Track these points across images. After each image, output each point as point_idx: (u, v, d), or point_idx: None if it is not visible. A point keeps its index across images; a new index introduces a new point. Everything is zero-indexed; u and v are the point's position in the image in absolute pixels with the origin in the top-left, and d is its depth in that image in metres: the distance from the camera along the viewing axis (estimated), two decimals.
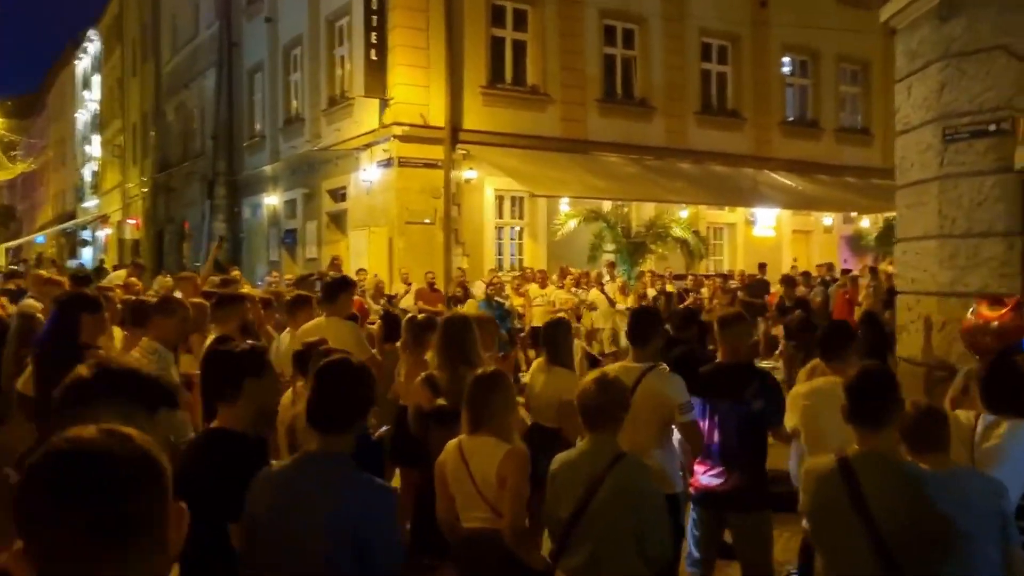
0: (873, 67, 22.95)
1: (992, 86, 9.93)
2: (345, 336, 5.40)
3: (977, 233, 10.13)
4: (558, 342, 5.20)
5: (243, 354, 3.13)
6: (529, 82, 17.72)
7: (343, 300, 5.84)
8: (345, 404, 2.77)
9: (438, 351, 4.64)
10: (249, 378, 3.02)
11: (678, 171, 18.80)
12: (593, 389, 3.32)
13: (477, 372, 3.79)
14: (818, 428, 3.96)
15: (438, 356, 4.63)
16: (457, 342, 4.61)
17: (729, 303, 14.11)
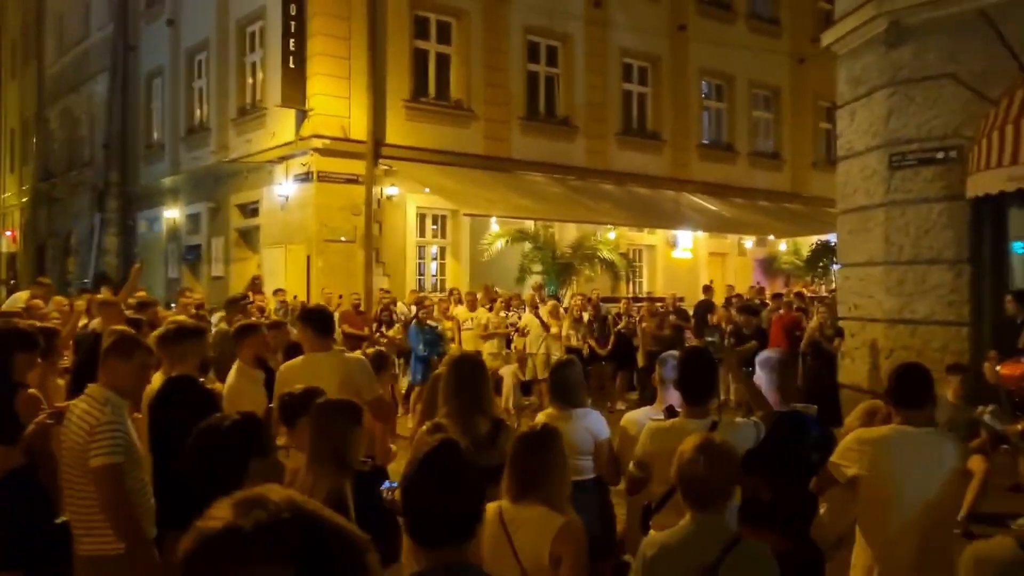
0: (783, 93, 23.43)
1: (940, 114, 9.96)
2: (353, 373, 4.75)
3: (924, 260, 10.12)
4: (571, 384, 4.64)
5: (240, 428, 2.46)
6: (453, 97, 17.17)
7: (331, 330, 5.16)
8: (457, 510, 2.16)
9: (447, 396, 4.02)
10: (255, 457, 2.37)
11: (601, 192, 18.58)
12: (699, 459, 2.79)
13: (525, 428, 3.24)
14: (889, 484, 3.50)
15: (447, 402, 4.01)
16: (470, 387, 4.02)
17: (658, 327, 13.88)
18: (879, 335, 10.41)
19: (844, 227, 11.32)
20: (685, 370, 3.91)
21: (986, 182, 8.77)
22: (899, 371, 3.68)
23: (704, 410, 3.82)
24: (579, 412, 4.54)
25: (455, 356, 4.20)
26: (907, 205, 10.06)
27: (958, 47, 9.63)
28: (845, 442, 3.70)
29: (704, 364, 3.92)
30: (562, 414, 4.58)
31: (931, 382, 3.68)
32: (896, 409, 3.60)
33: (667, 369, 4.38)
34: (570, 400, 4.60)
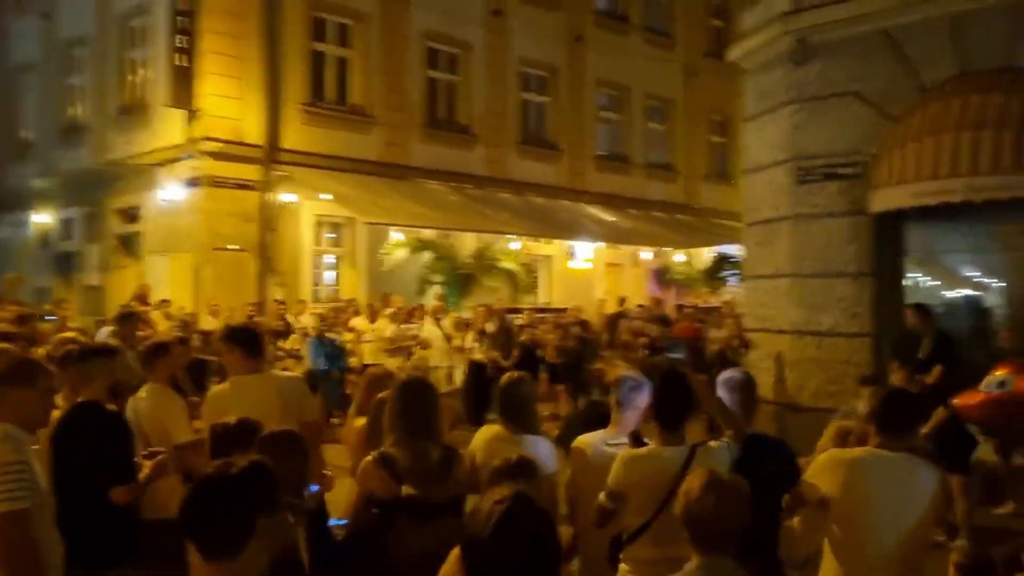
0: (676, 106, 23.86)
1: (844, 130, 10.17)
2: (293, 395, 4.37)
3: (829, 273, 10.32)
4: (522, 404, 4.35)
5: (249, 479, 2.07)
6: (352, 101, 16.66)
7: (262, 349, 4.71)
8: None
9: (394, 423, 3.67)
10: (264, 514, 1.99)
11: (501, 201, 18.41)
12: (709, 497, 2.55)
13: (500, 462, 2.97)
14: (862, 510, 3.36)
15: (394, 429, 3.66)
16: (419, 412, 3.68)
17: (561, 339, 13.78)
18: (785, 347, 10.55)
19: (750, 240, 11.46)
20: (661, 394, 3.68)
21: (890, 198, 8.99)
22: (887, 395, 3.57)
23: (680, 436, 3.61)
24: (528, 440, 4.24)
25: (403, 380, 3.84)
26: (812, 219, 10.24)
27: (862, 66, 9.88)
28: (819, 462, 3.56)
29: (680, 387, 3.70)
30: (510, 437, 4.29)
31: (919, 411, 3.58)
32: (877, 432, 3.48)
33: (625, 391, 4.15)
34: (521, 423, 4.31)
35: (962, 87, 8.81)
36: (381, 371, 4.86)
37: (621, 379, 4.23)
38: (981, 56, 8.96)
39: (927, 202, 8.48)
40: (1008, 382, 7.13)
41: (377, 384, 4.62)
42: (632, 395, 4.14)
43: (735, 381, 4.12)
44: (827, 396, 10.07)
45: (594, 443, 4.14)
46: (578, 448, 4.19)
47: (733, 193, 25.54)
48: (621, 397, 4.14)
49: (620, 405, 4.14)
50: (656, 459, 3.56)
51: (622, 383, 4.18)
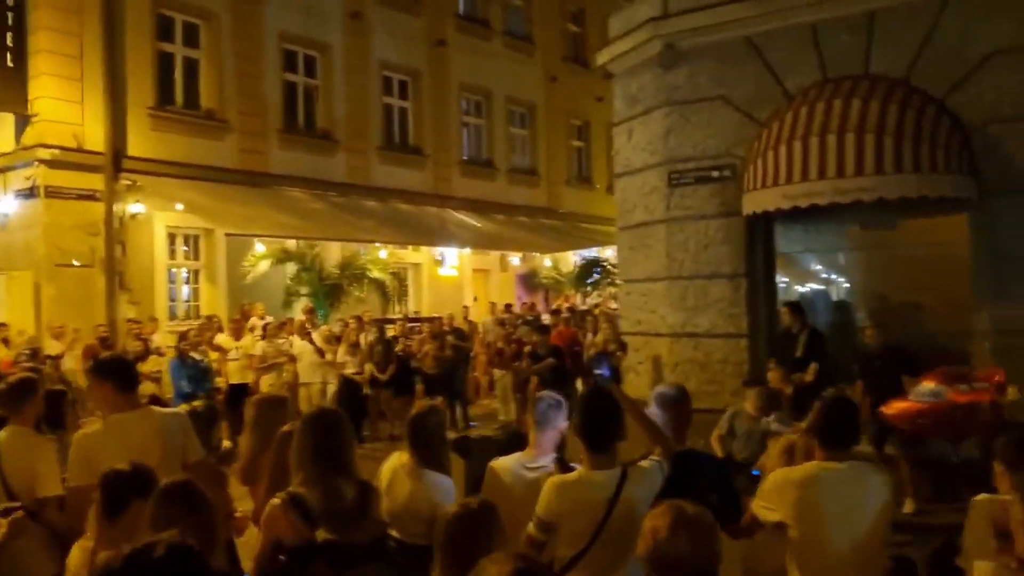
0: (538, 111, 23.99)
1: (714, 134, 10.35)
2: (174, 434, 3.92)
3: (704, 275, 10.50)
4: (430, 436, 4.05)
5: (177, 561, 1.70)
6: (204, 106, 15.76)
7: (136, 382, 4.18)
8: None
9: (303, 459, 3.30)
10: None
11: (365, 209, 17.90)
12: (679, 536, 2.34)
13: (460, 506, 2.68)
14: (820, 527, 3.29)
15: (303, 466, 3.29)
16: (331, 446, 3.32)
17: (439, 349, 13.50)
18: (663, 349, 10.66)
19: (624, 243, 11.53)
20: (588, 414, 3.47)
21: (761, 200, 9.19)
22: (826, 407, 3.47)
23: (611, 458, 3.41)
24: (432, 477, 3.95)
25: (312, 412, 3.46)
26: (686, 221, 10.39)
27: (728, 72, 10.09)
28: (768, 484, 3.44)
29: (609, 406, 3.49)
30: (415, 470, 3.99)
31: (858, 417, 3.51)
32: (822, 446, 3.39)
33: (542, 410, 3.92)
34: (428, 456, 4.01)
35: (824, 93, 9.11)
36: (272, 396, 4.44)
37: (539, 397, 4.00)
38: (841, 64, 9.32)
39: (798, 204, 8.71)
40: (941, 393, 7.32)
41: (270, 411, 4.19)
42: (551, 414, 3.92)
43: (668, 397, 3.96)
44: (706, 396, 10.20)
45: (511, 467, 3.89)
46: (494, 472, 3.93)
47: (594, 197, 26.00)
48: (539, 416, 3.91)
49: (539, 425, 3.91)
50: (587, 484, 3.35)
51: (540, 401, 3.96)
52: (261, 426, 4.16)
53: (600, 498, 3.29)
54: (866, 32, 9.15)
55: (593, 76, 26.28)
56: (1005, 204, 8.45)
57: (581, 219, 24.98)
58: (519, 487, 3.75)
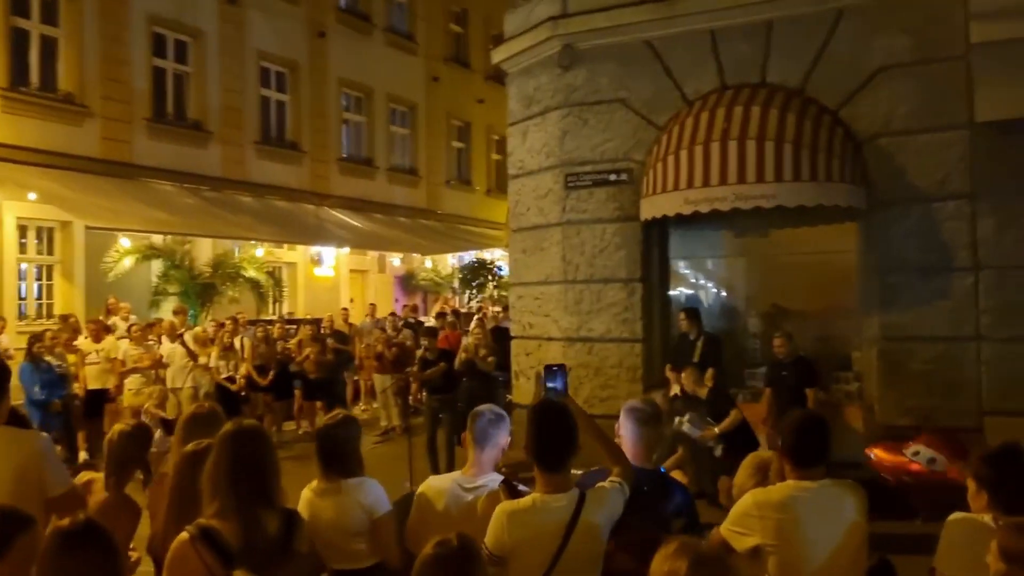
0: (419, 110, 23.54)
1: (612, 137, 10.23)
2: (33, 458, 3.37)
3: (600, 279, 10.36)
4: (343, 450, 3.65)
5: None
6: (62, 89, 14.55)
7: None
8: None
9: (218, 485, 2.83)
10: None
11: (240, 204, 17.03)
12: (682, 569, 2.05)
13: (437, 545, 2.31)
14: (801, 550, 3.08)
15: (218, 494, 2.82)
16: (253, 470, 2.87)
17: (320, 352, 12.90)
18: (557, 354, 10.45)
19: (517, 246, 11.28)
20: (540, 431, 3.14)
21: (661, 204, 9.11)
22: (798, 425, 3.27)
23: (566, 479, 3.09)
24: (351, 483, 3.58)
25: (229, 430, 2.97)
26: (582, 225, 10.23)
27: (627, 74, 10.00)
28: (742, 507, 3.21)
29: (562, 422, 3.17)
30: (330, 486, 3.58)
31: (829, 434, 3.32)
32: (795, 466, 3.19)
33: (482, 425, 3.57)
34: (342, 468, 3.61)
35: (724, 99, 9.13)
36: (206, 410, 3.87)
37: (477, 412, 3.64)
38: (739, 72, 9.36)
39: (699, 209, 8.66)
40: (939, 463, 7.11)
41: (198, 428, 3.63)
42: (492, 429, 3.58)
43: (646, 414, 3.63)
44: (600, 402, 10.09)
45: (446, 488, 3.53)
46: (427, 494, 3.56)
47: (474, 199, 25.78)
48: (479, 432, 3.56)
49: (478, 442, 3.56)
50: (542, 511, 3.03)
51: (480, 416, 3.60)
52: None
53: (556, 524, 2.99)
54: (764, 41, 9.23)
55: (475, 77, 26.14)
56: (894, 215, 8.66)
57: (461, 221, 24.71)
58: (456, 511, 3.40)
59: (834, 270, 10.28)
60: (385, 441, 12.47)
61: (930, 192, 8.51)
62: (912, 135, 8.61)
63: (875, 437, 8.56)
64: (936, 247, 8.50)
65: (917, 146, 8.58)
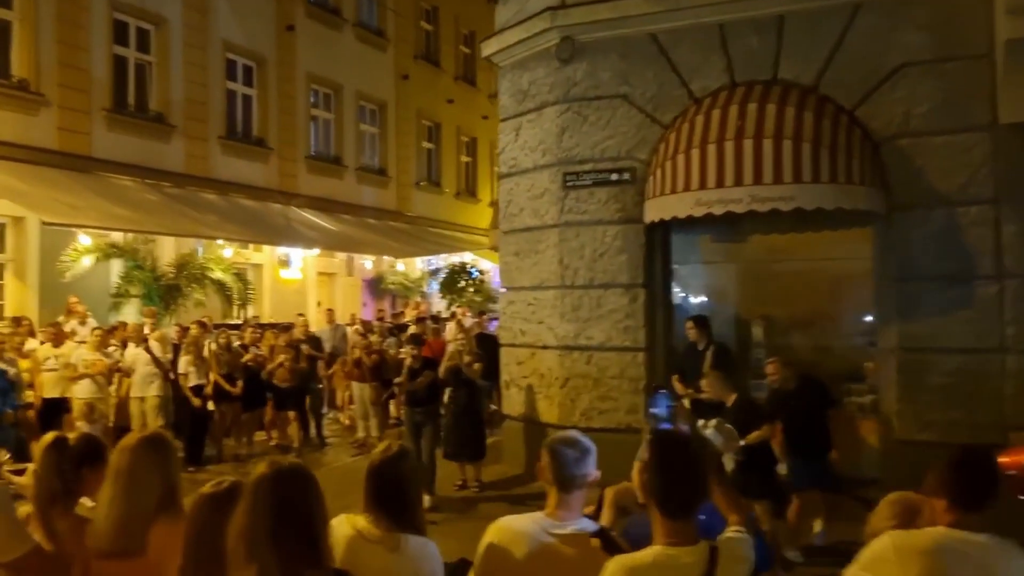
0: (388, 108, 22.84)
1: (614, 134, 9.70)
2: None
3: (600, 284, 9.82)
4: (402, 489, 2.98)
5: None
6: (16, 75, 13.62)
7: None
8: None
9: (259, 544, 2.21)
10: None
11: (204, 202, 16.17)
12: None
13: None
14: None
15: (256, 551, 2.19)
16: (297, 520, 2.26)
17: (294, 360, 12.18)
18: (552, 363, 9.91)
19: (508, 249, 10.72)
20: (664, 469, 2.55)
21: (670, 206, 8.63)
22: (960, 460, 2.74)
23: (691, 529, 2.51)
24: (414, 544, 2.91)
25: (268, 472, 2.34)
26: (581, 227, 9.72)
27: (630, 69, 9.52)
28: (879, 550, 2.66)
29: (689, 458, 2.59)
30: (386, 538, 2.92)
31: (998, 475, 2.79)
32: (952, 507, 2.66)
33: (571, 459, 2.94)
34: (402, 518, 2.95)
35: (736, 97, 8.68)
36: (152, 437, 3.15)
37: (557, 445, 3.01)
38: (749, 68, 8.93)
39: (713, 211, 8.20)
40: None
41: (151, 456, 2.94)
42: (582, 464, 2.97)
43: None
44: (599, 415, 9.60)
45: (528, 531, 2.92)
46: (502, 539, 2.93)
47: (444, 201, 25.14)
48: (564, 468, 2.94)
49: (563, 481, 2.94)
50: (670, 568, 2.44)
51: (564, 447, 2.98)
52: (135, 480, 2.93)
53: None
54: (776, 36, 8.82)
55: (445, 77, 25.52)
56: (913, 220, 8.29)
57: (430, 224, 24.05)
58: (542, 560, 2.80)
59: (842, 277, 9.91)
60: (362, 454, 11.79)
61: (951, 196, 8.15)
62: (932, 136, 8.25)
63: (894, 452, 8.19)
64: (958, 254, 8.14)
65: (937, 148, 8.23)
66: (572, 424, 9.65)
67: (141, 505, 2.79)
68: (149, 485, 2.82)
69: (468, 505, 9.02)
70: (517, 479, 9.96)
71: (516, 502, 8.96)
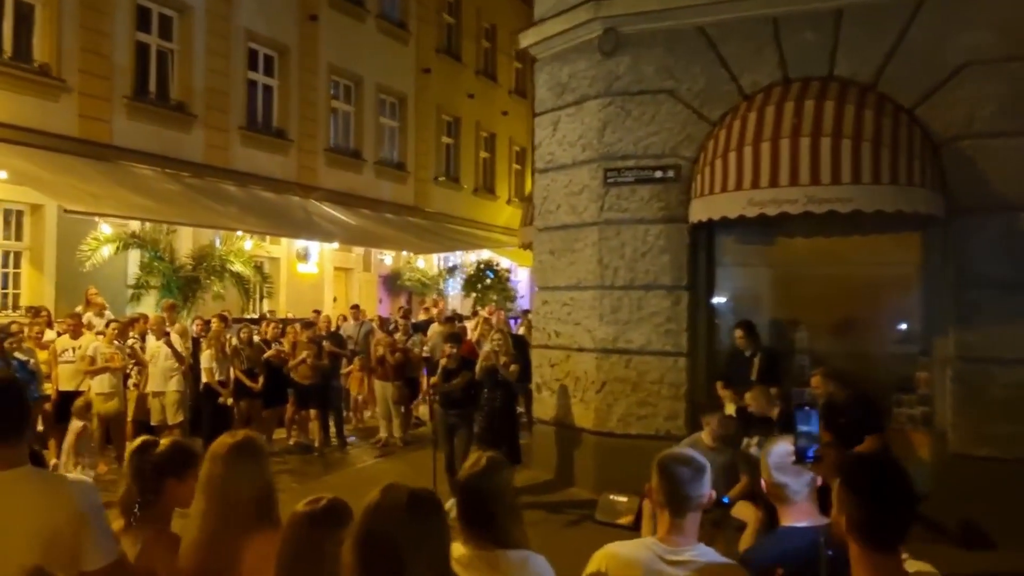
0: (408, 102, 22.54)
1: (658, 130, 9.34)
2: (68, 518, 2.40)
3: (641, 285, 9.48)
4: (498, 503, 2.67)
5: None
6: (37, 60, 13.34)
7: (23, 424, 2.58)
8: None
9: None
10: None
11: (224, 193, 15.88)
12: None
13: None
14: None
15: None
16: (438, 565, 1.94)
17: (316, 356, 11.87)
18: (589, 366, 9.58)
19: (543, 247, 10.39)
20: (873, 498, 2.13)
21: (719, 205, 8.30)
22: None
23: (898, 566, 2.16)
24: (513, 559, 2.61)
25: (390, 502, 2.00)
26: (622, 225, 9.38)
27: (677, 63, 9.17)
28: None
29: (903, 485, 2.21)
30: (482, 555, 2.62)
31: None
32: None
33: (686, 477, 2.61)
34: (496, 533, 2.65)
35: (791, 93, 8.33)
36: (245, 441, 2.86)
37: (668, 462, 2.70)
38: (803, 64, 8.58)
39: (767, 212, 7.86)
40: None
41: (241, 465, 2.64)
42: (694, 487, 2.66)
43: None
44: (637, 420, 9.27)
45: (641, 559, 2.61)
46: (611, 570, 2.62)
47: (462, 198, 24.82)
48: (679, 487, 2.63)
49: (678, 504, 2.63)
50: None
51: (679, 465, 2.67)
52: (227, 492, 2.64)
53: None
54: (832, 31, 8.46)
55: (466, 71, 25.20)
56: (973, 224, 7.94)
57: (448, 220, 23.74)
58: None
59: (887, 282, 9.54)
60: (386, 455, 11.49)
61: (1015, 201, 7.80)
62: (996, 138, 7.89)
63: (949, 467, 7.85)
64: (1021, 261, 7.78)
65: (1002, 150, 7.87)
66: (609, 430, 9.33)
67: (233, 520, 2.50)
68: (242, 497, 2.52)
69: None
70: (549, 484, 9.64)
71: (554, 509, 8.66)
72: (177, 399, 10.58)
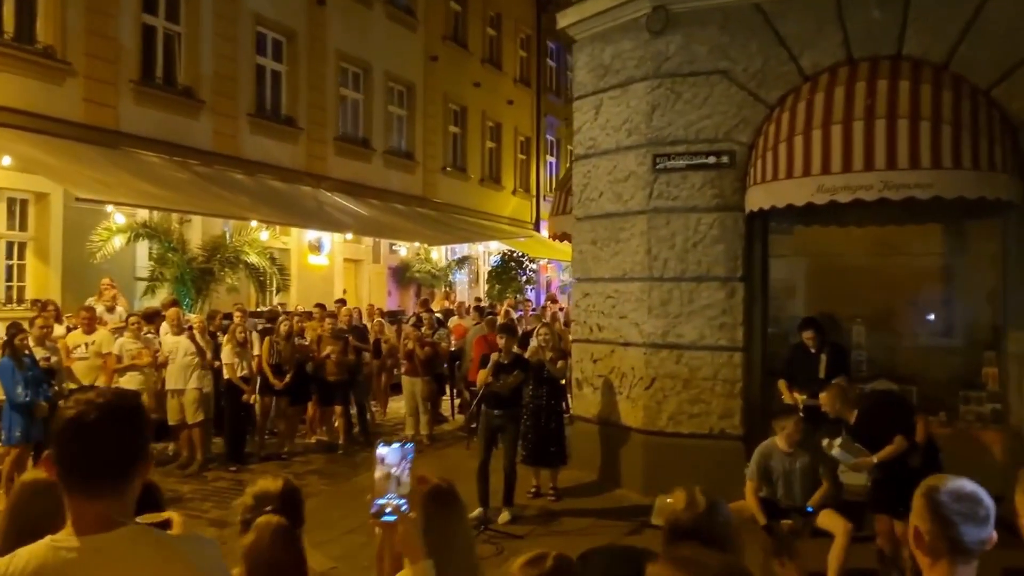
0: (416, 91, 21.99)
1: (711, 114, 8.82)
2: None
3: (692, 276, 9.01)
4: (723, 542, 2.21)
5: None
6: (42, 41, 12.74)
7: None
8: None
9: None
10: None
11: (234, 182, 15.32)
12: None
13: None
14: None
15: None
16: None
17: (342, 351, 11.36)
18: (637, 362, 9.11)
19: (584, 236, 9.90)
20: None
21: (783, 192, 7.84)
22: None
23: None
24: None
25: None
26: (672, 214, 8.90)
27: (731, 43, 8.69)
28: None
29: None
30: None
31: None
32: None
33: (968, 521, 2.14)
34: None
35: (860, 73, 7.87)
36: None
37: (941, 498, 2.18)
38: (869, 43, 8.11)
39: (838, 198, 7.41)
40: None
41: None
42: (982, 530, 2.16)
43: None
44: (688, 419, 8.80)
45: None
46: None
47: (469, 188, 24.31)
48: (962, 536, 2.13)
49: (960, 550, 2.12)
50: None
51: (948, 508, 2.16)
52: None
53: None
54: (901, 8, 7.99)
55: (472, 60, 24.65)
56: None
57: (455, 210, 23.23)
58: None
59: (950, 273, 9.13)
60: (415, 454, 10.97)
61: None
62: None
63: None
64: None
65: None
66: (658, 429, 8.87)
67: None
68: (445, 552, 2.03)
69: (549, 517, 8.21)
70: (593, 486, 9.18)
71: (601, 515, 8.18)
72: (196, 397, 10.04)
